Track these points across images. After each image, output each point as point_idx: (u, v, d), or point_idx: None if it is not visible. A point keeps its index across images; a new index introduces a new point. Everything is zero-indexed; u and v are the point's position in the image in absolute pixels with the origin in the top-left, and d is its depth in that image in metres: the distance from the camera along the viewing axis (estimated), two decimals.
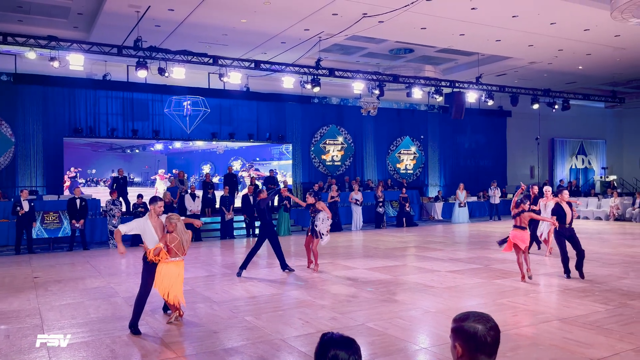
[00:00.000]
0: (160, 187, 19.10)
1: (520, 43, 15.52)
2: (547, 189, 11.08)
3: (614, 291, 7.49)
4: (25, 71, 15.33)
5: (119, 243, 6.07)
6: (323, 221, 9.50)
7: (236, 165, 19.07)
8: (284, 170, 19.77)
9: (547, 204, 10.76)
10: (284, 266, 9.51)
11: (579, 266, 8.34)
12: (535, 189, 11.96)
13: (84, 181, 17.34)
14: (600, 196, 21.37)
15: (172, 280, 6.01)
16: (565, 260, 8.42)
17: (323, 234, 9.48)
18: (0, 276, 9.56)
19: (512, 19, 13.23)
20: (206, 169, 20.12)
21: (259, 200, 9.37)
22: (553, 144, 26.55)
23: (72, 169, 17.00)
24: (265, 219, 9.33)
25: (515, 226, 8.30)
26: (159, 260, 5.97)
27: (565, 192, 8.58)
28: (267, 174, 18.78)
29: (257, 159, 20.90)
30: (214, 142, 19.69)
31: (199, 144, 19.72)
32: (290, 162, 20.60)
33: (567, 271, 8.38)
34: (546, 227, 10.90)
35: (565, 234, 8.37)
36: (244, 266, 9.21)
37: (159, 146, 19.26)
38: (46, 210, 13.81)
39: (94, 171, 17.88)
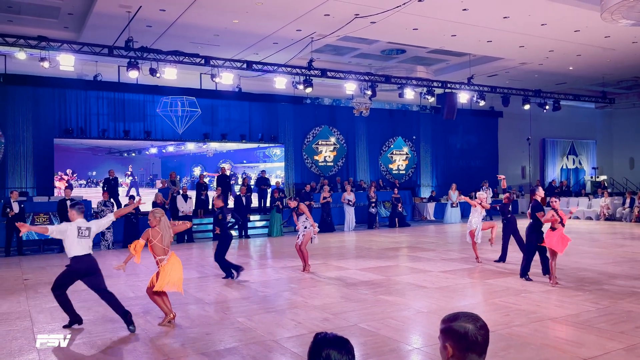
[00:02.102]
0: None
1: (511, 44, 15.61)
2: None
3: (605, 291, 7.55)
4: (15, 72, 15.20)
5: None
6: (306, 227, 9.47)
7: (226, 167, 19.35)
8: (269, 173, 19.88)
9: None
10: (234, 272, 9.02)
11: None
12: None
13: (84, 182, 17.56)
14: (591, 196, 21.53)
15: (174, 273, 6.11)
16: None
17: (300, 236, 9.50)
18: None
19: (503, 20, 13.30)
20: (197, 170, 20.25)
21: (222, 208, 9.07)
22: (544, 144, 26.72)
23: (67, 171, 17.09)
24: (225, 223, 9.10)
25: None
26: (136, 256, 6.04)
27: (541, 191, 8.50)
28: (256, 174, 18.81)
29: (245, 161, 21.09)
30: (204, 146, 19.69)
31: (190, 147, 19.99)
32: (276, 164, 20.63)
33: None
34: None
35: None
36: (232, 269, 8.95)
37: (153, 150, 19.73)
38: (36, 212, 13.69)
39: (94, 173, 18.19)
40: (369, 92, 17.14)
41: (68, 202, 13.40)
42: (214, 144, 19.45)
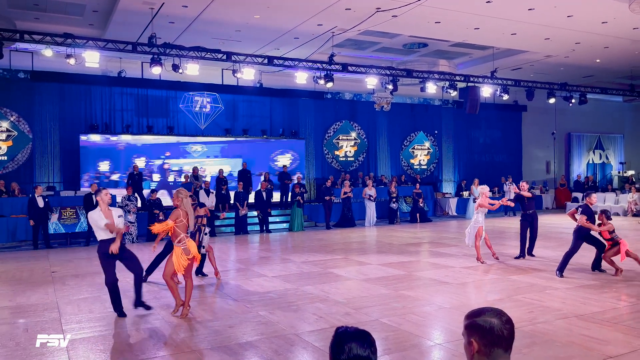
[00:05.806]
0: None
1: (536, 36, 15.31)
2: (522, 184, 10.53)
3: (632, 287, 7.40)
4: (42, 68, 15.53)
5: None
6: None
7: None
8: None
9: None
10: None
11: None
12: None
13: (118, 176, 18.03)
14: (618, 191, 21.05)
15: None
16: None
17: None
18: (19, 270, 9.73)
19: (528, 12, 13.06)
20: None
21: None
22: (570, 139, 26.20)
23: (102, 164, 17.49)
24: None
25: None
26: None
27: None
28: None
29: None
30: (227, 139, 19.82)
31: None
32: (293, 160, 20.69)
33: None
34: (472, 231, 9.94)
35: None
36: None
37: None
38: (63, 206, 14.00)
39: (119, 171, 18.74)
40: (390, 87, 17.02)
41: (94, 197, 13.68)
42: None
